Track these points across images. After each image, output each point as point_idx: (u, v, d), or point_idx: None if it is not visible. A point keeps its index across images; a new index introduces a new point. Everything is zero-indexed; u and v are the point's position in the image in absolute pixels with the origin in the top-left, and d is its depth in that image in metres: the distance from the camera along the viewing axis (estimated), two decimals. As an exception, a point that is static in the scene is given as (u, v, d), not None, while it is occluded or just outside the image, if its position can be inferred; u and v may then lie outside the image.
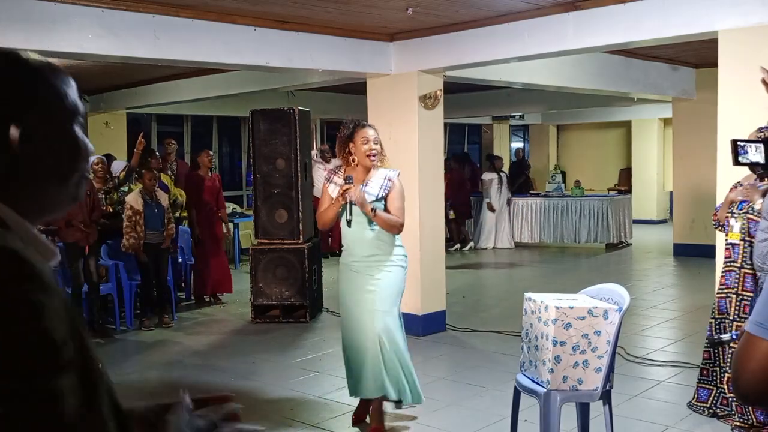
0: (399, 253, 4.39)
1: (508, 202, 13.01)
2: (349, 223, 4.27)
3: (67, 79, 1.09)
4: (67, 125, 1.07)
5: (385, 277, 4.31)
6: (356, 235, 4.34)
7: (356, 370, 4.40)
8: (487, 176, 12.88)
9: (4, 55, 1.05)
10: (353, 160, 4.36)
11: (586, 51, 6.44)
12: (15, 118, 1.01)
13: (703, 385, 4.62)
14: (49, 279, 0.93)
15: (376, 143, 4.34)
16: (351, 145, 4.36)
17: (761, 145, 3.32)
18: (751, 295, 4.18)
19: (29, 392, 0.85)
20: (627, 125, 17.55)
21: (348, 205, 4.24)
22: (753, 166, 3.49)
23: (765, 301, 1.17)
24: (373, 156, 4.32)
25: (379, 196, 4.30)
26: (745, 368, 1.16)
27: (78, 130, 1.09)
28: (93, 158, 7.79)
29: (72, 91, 1.09)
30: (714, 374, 4.55)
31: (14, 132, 1.00)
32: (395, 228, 4.30)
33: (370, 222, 4.29)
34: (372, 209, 4.22)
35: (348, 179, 4.27)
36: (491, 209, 12.68)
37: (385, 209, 4.31)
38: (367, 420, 4.58)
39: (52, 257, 1.05)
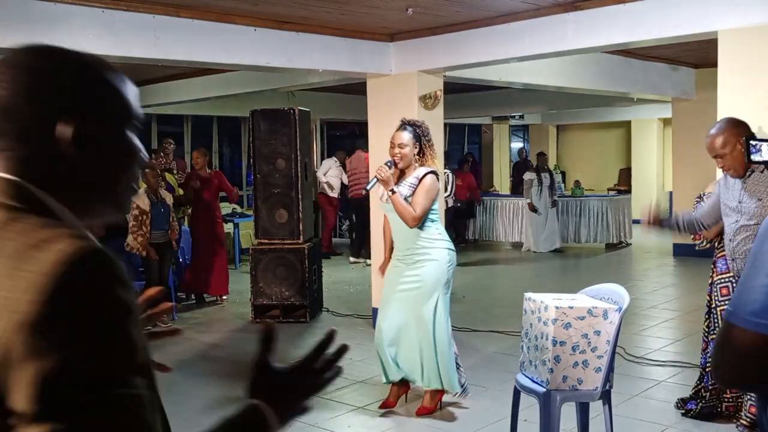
0: (439, 246, 4.53)
1: (554, 204, 12.33)
2: (365, 192, 4.70)
3: (125, 80, 1.07)
4: (122, 129, 1.04)
5: (421, 270, 4.49)
6: (396, 230, 4.59)
7: (382, 356, 4.65)
8: (527, 176, 12.56)
9: (62, 53, 1.03)
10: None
11: (586, 51, 6.44)
12: (68, 117, 0.98)
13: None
14: (129, 280, 0.92)
15: (403, 147, 4.50)
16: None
17: None
18: None
19: (116, 396, 0.85)
20: (627, 125, 17.54)
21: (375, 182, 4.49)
22: (766, 164, 3.52)
23: (739, 291, 1.23)
24: (397, 159, 4.51)
25: (408, 194, 4.47)
26: (722, 353, 1.22)
27: (132, 135, 1.06)
28: None
29: (130, 92, 1.06)
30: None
31: (66, 131, 0.98)
32: (407, 217, 4.42)
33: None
34: (391, 189, 4.40)
35: (388, 162, 4.50)
36: (532, 209, 12.33)
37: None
38: (397, 405, 4.79)
39: None
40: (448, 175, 11.05)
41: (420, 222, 4.45)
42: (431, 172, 4.52)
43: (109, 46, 5.32)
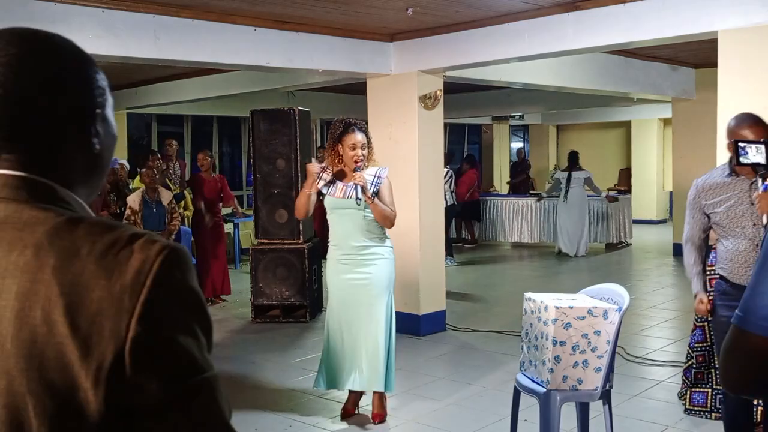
0: (387, 245, 4.52)
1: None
2: (352, 203, 4.37)
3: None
4: (109, 113, 1.06)
5: (375, 270, 4.42)
6: (347, 227, 4.43)
7: (340, 362, 4.48)
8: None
9: (79, 52, 1.02)
10: (340, 161, 4.43)
11: (586, 51, 6.44)
12: (94, 114, 1.00)
13: (698, 389, 4.58)
14: None
15: (364, 148, 4.38)
16: (339, 146, 4.43)
17: (762, 146, 3.31)
18: None
19: (213, 378, 0.90)
20: (627, 125, 17.55)
21: (354, 189, 4.32)
22: (754, 166, 3.48)
23: (748, 295, 1.21)
24: (360, 162, 4.36)
25: (370, 192, 4.36)
26: (731, 359, 1.21)
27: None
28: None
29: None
30: (709, 376, 4.53)
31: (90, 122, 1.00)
32: (389, 219, 4.39)
33: (366, 207, 4.36)
34: (372, 196, 4.32)
35: (356, 169, 4.34)
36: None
37: None
38: (356, 412, 4.68)
39: None
40: (452, 174, 11.23)
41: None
42: (387, 171, 4.52)
43: (109, 46, 5.32)
